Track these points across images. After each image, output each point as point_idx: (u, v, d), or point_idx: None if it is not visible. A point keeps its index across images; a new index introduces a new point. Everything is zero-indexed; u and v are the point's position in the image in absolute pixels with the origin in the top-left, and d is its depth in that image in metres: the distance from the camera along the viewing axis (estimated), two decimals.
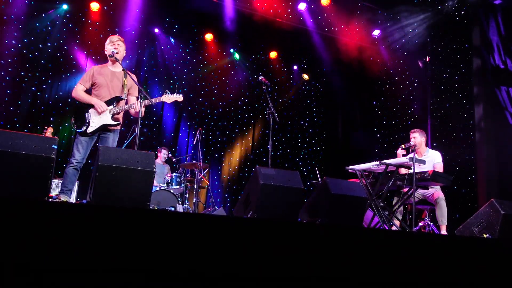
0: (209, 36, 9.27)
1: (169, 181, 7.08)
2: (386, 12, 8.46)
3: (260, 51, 9.78)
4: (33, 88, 7.62)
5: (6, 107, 7.31)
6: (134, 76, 4.41)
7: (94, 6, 8.03)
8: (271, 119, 4.87)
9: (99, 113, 4.22)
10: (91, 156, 4.52)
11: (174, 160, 7.94)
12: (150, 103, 4.25)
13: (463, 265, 3.16)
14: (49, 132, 6.13)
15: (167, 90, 4.52)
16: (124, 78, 4.39)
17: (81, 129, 4.23)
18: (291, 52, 9.94)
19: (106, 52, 4.43)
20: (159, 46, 8.88)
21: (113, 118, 4.30)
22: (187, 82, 9.25)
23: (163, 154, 7.78)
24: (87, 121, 4.22)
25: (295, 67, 10.24)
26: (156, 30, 8.79)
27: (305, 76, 10.31)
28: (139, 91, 4.22)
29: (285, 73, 10.17)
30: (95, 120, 4.24)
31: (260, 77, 5.08)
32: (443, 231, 5.18)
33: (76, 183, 6.23)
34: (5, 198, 2.16)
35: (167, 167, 7.85)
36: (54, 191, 5.96)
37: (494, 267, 3.25)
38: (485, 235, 4.23)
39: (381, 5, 8.36)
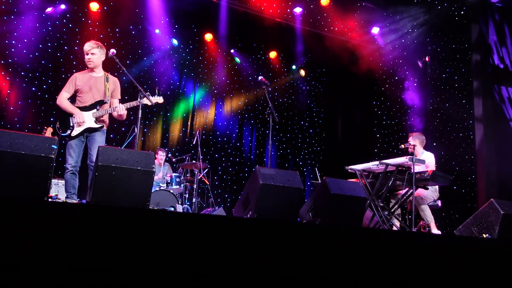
0: (208, 36, 9.27)
1: (169, 181, 7.07)
2: (386, 12, 8.46)
3: (260, 51, 9.77)
4: (33, 88, 7.61)
5: (6, 107, 7.31)
6: (116, 80, 4.55)
7: (94, 6, 8.01)
8: (271, 119, 4.88)
9: (77, 124, 4.32)
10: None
11: (174, 160, 7.93)
12: (131, 105, 4.36)
13: (462, 265, 3.16)
14: (48, 132, 6.12)
15: (148, 92, 4.48)
16: (106, 82, 4.45)
17: (65, 133, 4.36)
18: (291, 52, 9.93)
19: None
20: (159, 46, 8.87)
21: (97, 121, 4.39)
22: (187, 82, 9.25)
23: (160, 156, 7.67)
24: (71, 125, 4.34)
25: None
26: (157, 31, 8.78)
27: (302, 72, 10.29)
28: (139, 91, 4.27)
29: (285, 73, 10.17)
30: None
31: (260, 77, 5.08)
32: (434, 230, 5.17)
33: None
34: (5, 198, 2.16)
35: (167, 166, 7.82)
36: (54, 191, 5.97)
37: (494, 267, 3.25)
38: (484, 235, 4.23)
39: (380, 5, 8.36)
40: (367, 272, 2.80)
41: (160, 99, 4.60)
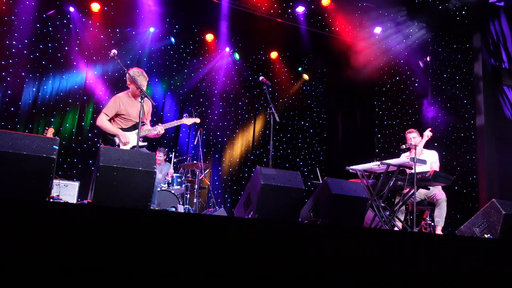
0: (209, 37, 9.27)
1: (170, 182, 7.06)
2: (387, 12, 8.45)
3: (261, 51, 9.77)
4: (34, 89, 7.62)
5: (7, 107, 7.32)
6: (149, 103, 4.62)
7: (95, 7, 8.02)
8: (271, 119, 4.88)
9: (123, 144, 4.37)
10: (93, 157, 4.55)
11: (174, 160, 7.92)
12: (171, 125, 4.57)
13: (464, 265, 3.16)
14: (50, 132, 6.13)
15: (186, 114, 4.90)
16: (143, 105, 4.48)
17: None
18: (291, 52, 9.93)
19: (129, 83, 4.45)
20: (159, 47, 8.88)
21: (139, 140, 4.48)
22: (187, 82, 9.26)
23: (158, 156, 7.50)
24: (117, 144, 4.38)
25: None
26: (156, 30, 8.78)
27: (305, 76, 10.30)
28: (141, 91, 4.30)
29: (286, 73, 10.17)
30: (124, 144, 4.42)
31: (261, 77, 5.09)
32: (438, 232, 5.17)
33: (77, 184, 6.25)
34: (6, 198, 2.16)
35: (168, 165, 7.80)
36: (55, 191, 5.97)
37: (496, 268, 3.25)
38: (486, 235, 4.22)
39: (381, 5, 8.36)
40: (367, 272, 2.80)
41: (197, 120, 4.86)
